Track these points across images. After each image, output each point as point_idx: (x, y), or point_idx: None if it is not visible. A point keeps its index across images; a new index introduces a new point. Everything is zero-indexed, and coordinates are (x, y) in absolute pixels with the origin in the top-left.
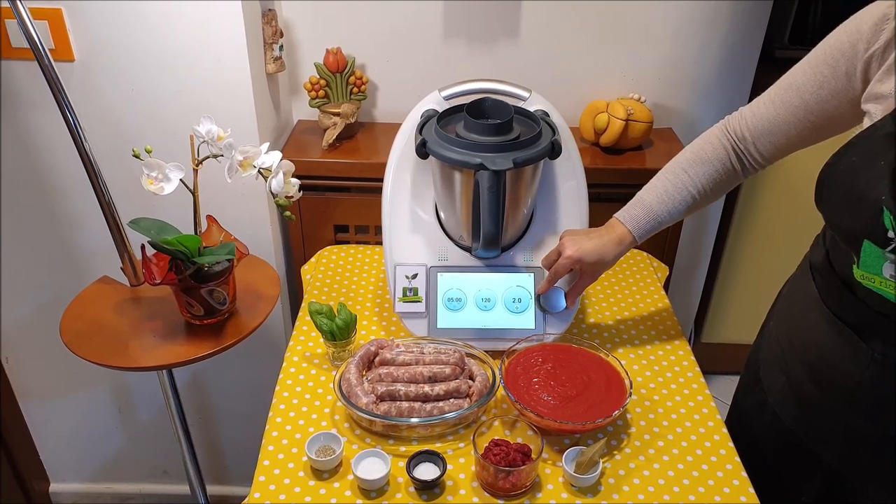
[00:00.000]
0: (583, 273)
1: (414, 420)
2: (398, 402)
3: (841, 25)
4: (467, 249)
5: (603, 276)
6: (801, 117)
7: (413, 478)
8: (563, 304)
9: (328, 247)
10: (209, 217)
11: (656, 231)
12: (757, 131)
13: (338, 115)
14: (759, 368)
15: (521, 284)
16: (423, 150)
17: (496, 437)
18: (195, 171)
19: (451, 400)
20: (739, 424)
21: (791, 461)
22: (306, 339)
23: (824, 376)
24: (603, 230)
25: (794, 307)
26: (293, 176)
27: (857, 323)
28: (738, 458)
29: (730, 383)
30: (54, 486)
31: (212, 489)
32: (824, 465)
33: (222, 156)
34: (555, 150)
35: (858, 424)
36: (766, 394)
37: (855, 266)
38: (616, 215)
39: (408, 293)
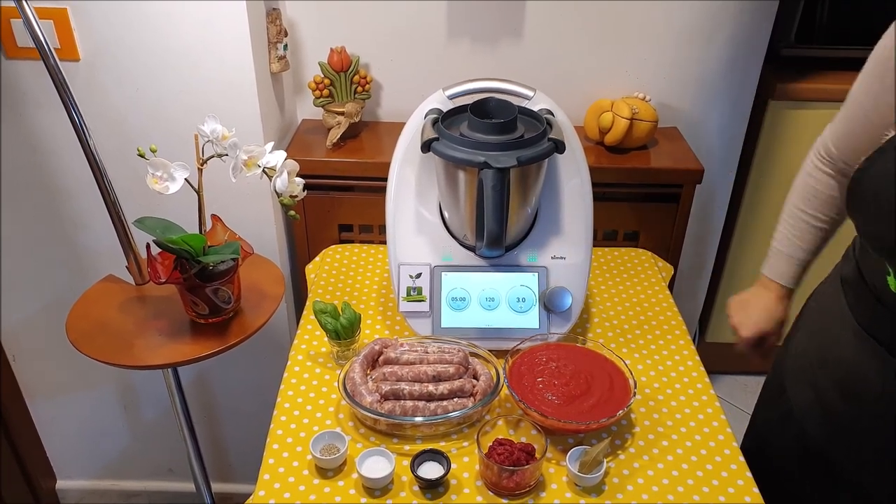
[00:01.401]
0: (769, 337)
1: (418, 419)
2: (402, 401)
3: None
4: (471, 249)
5: (608, 276)
6: (876, 123)
7: (417, 476)
8: (568, 303)
9: (332, 246)
10: (214, 216)
11: (808, 269)
12: (840, 147)
13: (342, 114)
14: (785, 379)
15: (525, 284)
16: (427, 146)
17: (500, 437)
18: (200, 170)
19: (455, 399)
20: (761, 435)
21: (816, 477)
22: (311, 338)
23: (854, 393)
24: (760, 292)
25: (824, 321)
26: (297, 175)
27: (890, 339)
28: (742, 458)
29: (735, 383)
30: (61, 484)
31: (217, 487)
32: (852, 483)
33: (227, 155)
34: (558, 148)
35: (889, 443)
36: (791, 405)
37: (890, 277)
38: (763, 272)
39: (412, 292)
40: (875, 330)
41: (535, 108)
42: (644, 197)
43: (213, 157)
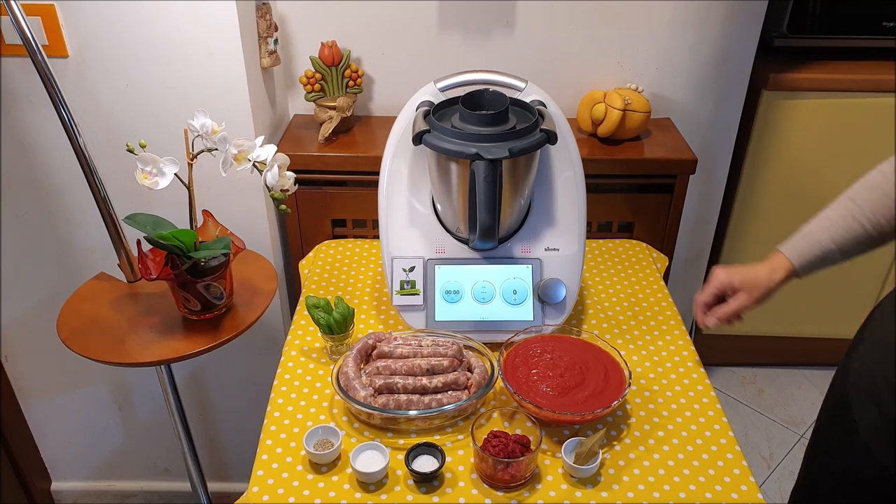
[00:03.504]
0: (737, 294)
1: (412, 413)
2: (396, 395)
3: None
4: (464, 241)
5: (602, 267)
6: None
7: (412, 470)
8: (562, 294)
9: (326, 241)
10: (205, 212)
11: (826, 263)
12: None
13: (334, 108)
14: (849, 396)
15: (519, 276)
16: (418, 138)
17: (495, 429)
18: (190, 165)
19: (450, 392)
20: (825, 453)
21: (884, 502)
22: (304, 333)
23: None
24: (760, 262)
25: (888, 337)
26: (289, 170)
27: None
28: (738, 447)
29: (732, 375)
30: (56, 485)
31: (213, 486)
32: None
33: (217, 150)
34: (550, 139)
35: None
36: (856, 424)
37: None
38: (778, 246)
39: (405, 286)
40: None
41: (528, 100)
42: (638, 188)
43: (202, 151)
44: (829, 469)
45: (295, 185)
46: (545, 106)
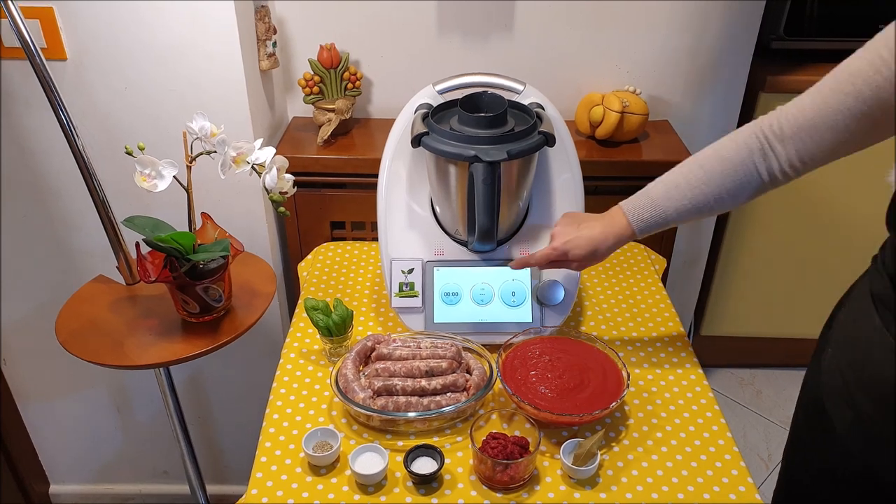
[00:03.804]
0: (570, 262)
1: (411, 414)
2: (395, 397)
3: None
4: (463, 243)
5: (600, 269)
6: (850, 106)
7: (411, 472)
8: (561, 296)
9: (324, 243)
10: (204, 214)
11: (661, 228)
12: (798, 124)
13: (332, 111)
14: (823, 397)
15: (518, 278)
16: (417, 140)
17: (494, 431)
18: (189, 167)
19: (449, 394)
20: (802, 452)
21: (865, 501)
22: (303, 335)
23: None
24: (602, 218)
25: (855, 339)
26: (288, 172)
27: None
28: (736, 448)
29: (731, 377)
30: (54, 488)
31: (212, 489)
32: None
33: (215, 152)
34: (549, 141)
35: None
36: (832, 424)
37: None
38: (620, 203)
39: (404, 288)
40: None
41: (526, 102)
42: (636, 190)
43: (201, 154)
44: (806, 468)
45: (294, 187)
46: (543, 108)
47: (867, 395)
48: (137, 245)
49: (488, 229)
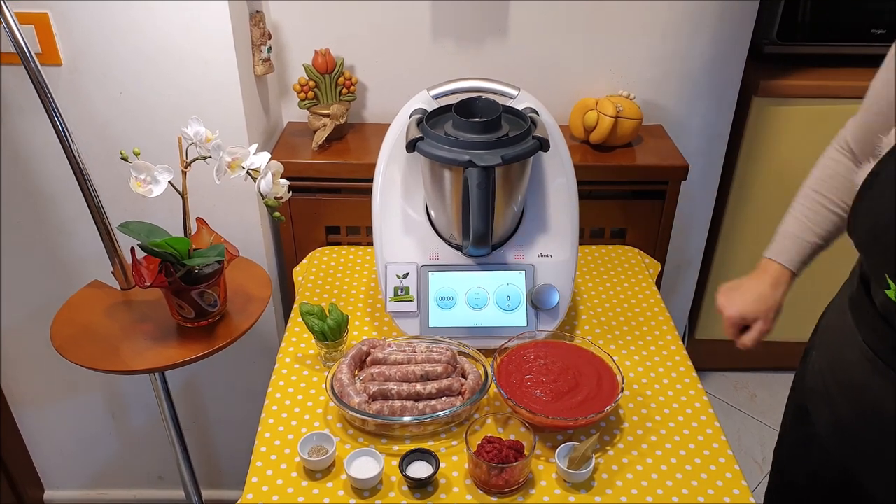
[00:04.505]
0: (755, 322)
1: (406, 419)
2: (390, 402)
3: None
4: (458, 248)
5: (595, 273)
6: (889, 115)
7: (406, 476)
8: (556, 300)
9: (319, 248)
10: (199, 219)
11: (814, 257)
12: (857, 139)
13: (327, 116)
14: (806, 400)
15: (512, 282)
16: (412, 145)
17: (489, 435)
18: (184, 173)
19: (444, 398)
20: (790, 455)
21: (844, 501)
22: (298, 340)
23: (869, 415)
24: (755, 275)
25: (835, 341)
26: (283, 177)
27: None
28: (730, 451)
29: (725, 380)
30: (49, 494)
31: (207, 494)
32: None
33: (211, 157)
34: (543, 146)
35: None
36: (815, 427)
37: (889, 290)
38: (764, 254)
39: (399, 292)
40: (881, 350)
41: (520, 107)
42: (630, 194)
43: (196, 159)
44: (794, 471)
45: (289, 192)
46: (537, 113)
47: (842, 395)
48: (133, 250)
49: (483, 234)
